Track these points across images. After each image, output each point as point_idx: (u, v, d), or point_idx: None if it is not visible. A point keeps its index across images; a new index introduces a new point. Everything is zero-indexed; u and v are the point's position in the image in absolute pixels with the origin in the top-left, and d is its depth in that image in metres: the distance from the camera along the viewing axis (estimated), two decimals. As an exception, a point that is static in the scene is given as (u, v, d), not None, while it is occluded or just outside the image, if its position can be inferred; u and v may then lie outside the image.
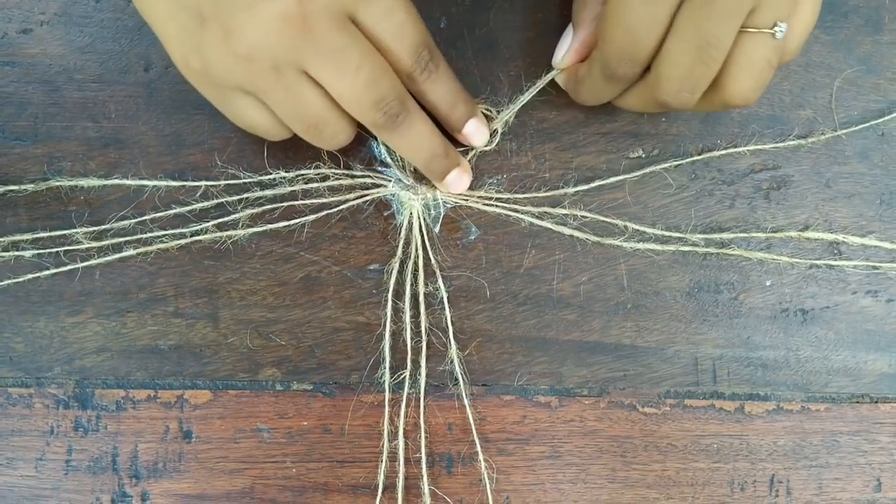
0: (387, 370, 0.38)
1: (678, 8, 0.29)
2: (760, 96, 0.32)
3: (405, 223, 0.38)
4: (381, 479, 0.37)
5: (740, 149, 0.38)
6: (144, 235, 0.38)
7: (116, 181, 0.37)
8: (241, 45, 0.28)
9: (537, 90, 0.37)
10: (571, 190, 0.38)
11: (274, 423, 0.38)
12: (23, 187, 0.37)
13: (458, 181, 0.37)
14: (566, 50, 0.36)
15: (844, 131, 0.39)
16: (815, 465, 0.39)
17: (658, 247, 0.39)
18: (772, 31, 0.30)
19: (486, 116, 0.38)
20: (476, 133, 0.36)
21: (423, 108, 0.34)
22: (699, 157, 0.39)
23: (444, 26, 0.38)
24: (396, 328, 0.38)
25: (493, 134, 0.38)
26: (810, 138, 0.39)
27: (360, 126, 0.34)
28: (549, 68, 0.37)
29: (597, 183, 0.38)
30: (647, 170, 0.38)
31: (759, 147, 0.38)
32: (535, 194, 0.38)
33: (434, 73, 0.33)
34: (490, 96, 0.38)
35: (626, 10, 0.30)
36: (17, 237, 0.37)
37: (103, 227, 0.37)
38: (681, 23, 0.30)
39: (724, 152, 0.38)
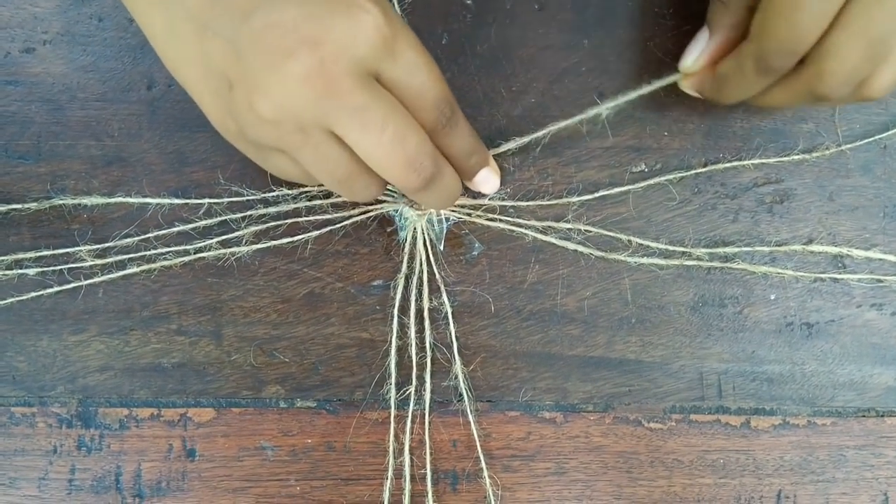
0: (392, 387, 0.38)
1: (847, 2, 0.29)
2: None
3: (409, 239, 0.38)
4: (386, 496, 0.37)
5: (745, 162, 0.38)
6: (148, 253, 0.38)
7: (120, 199, 0.37)
8: (267, 108, 0.28)
9: (660, 86, 0.36)
10: (575, 199, 0.38)
11: (278, 440, 0.38)
12: (26, 206, 0.37)
13: (488, 181, 0.37)
14: (699, 53, 0.35)
15: (849, 146, 0.39)
16: (822, 480, 0.39)
17: (662, 261, 0.38)
18: None
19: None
20: (486, 182, 0.37)
21: None
22: (703, 170, 0.39)
23: (446, 42, 0.38)
24: (401, 344, 0.38)
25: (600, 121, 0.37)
26: (815, 153, 0.39)
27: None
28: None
29: (601, 192, 0.38)
30: (651, 181, 0.38)
31: (763, 161, 0.38)
32: (538, 202, 0.38)
33: (454, 127, 0.32)
34: (491, 111, 0.38)
35: (793, 4, 0.29)
36: (21, 255, 0.37)
37: (107, 245, 0.37)
38: (851, 17, 0.29)
39: (727, 165, 0.38)
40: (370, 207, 0.38)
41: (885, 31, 0.29)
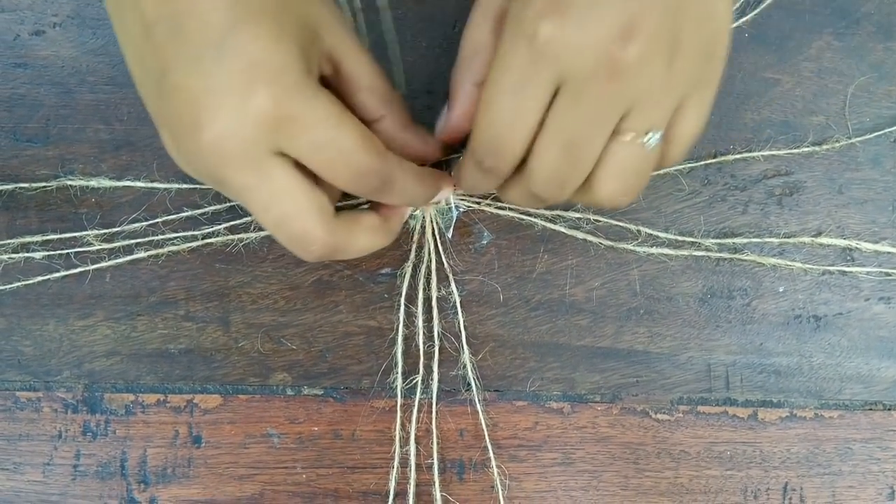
0: (399, 375, 0.37)
1: (549, 104, 0.28)
2: (635, 199, 0.31)
3: (418, 227, 0.38)
4: (392, 485, 0.37)
5: (754, 154, 0.38)
6: (155, 238, 0.37)
7: (128, 183, 0.37)
8: (187, 159, 0.28)
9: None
10: (584, 195, 0.38)
11: (284, 428, 0.38)
12: (33, 185, 0.37)
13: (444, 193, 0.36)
14: (440, 128, 0.34)
15: (859, 139, 0.39)
16: (829, 473, 0.39)
17: (671, 252, 0.38)
18: (643, 141, 0.28)
19: None
20: (443, 197, 0.36)
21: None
22: (712, 161, 0.39)
23: (459, 30, 0.38)
24: (409, 333, 0.38)
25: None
26: (825, 146, 0.39)
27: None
28: None
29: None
30: (661, 171, 0.38)
31: (773, 153, 0.38)
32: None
33: (389, 193, 0.31)
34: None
35: (493, 102, 0.28)
36: (28, 239, 0.37)
37: (114, 229, 0.37)
38: (549, 120, 0.28)
39: (737, 157, 0.38)
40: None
41: (578, 138, 0.28)
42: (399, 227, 0.35)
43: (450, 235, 0.38)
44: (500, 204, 0.38)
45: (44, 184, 0.37)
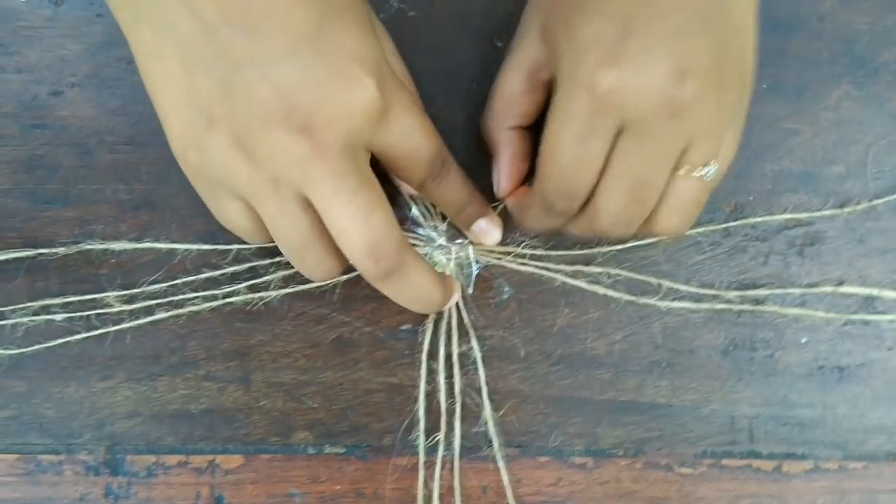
0: (421, 433, 0.37)
1: (613, 146, 0.30)
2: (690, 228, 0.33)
3: (438, 283, 0.38)
4: (416, 544, 0.37)
5: (775, 217, 0.38)
6: (176, 298, 0.37)
7: (148, 245, 0.37)
8: (247, 154, 0.28)
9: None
10: (605, 249, 0.38)
11: (306, 487, 0.37)
12: (54, 251, 0.37)
13: (486, 233, 0.37)
14: (498, 181, 0.36)
15: (879, 201, 0.39)
16: (855, 525, 0.38)
17: (692, 305, 0.38)
18: (702, 174, 0.31)
19: None
20: (484, 234, 0.36)
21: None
22: (733, 224, 0.38)
23: (476, 85, 0.38)
24: (430, 389, 0.38)
25: None
26: (846, 208, 0.39)
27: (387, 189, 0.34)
28: None
29: (631, 244, 0.38)
30: (683, 232, 0.38)
31: (794, 216, 0.38)
32: (568, 251, 0.38)
33: (446, 177, 0.32)
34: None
35: (559, 151, 0.30)
36: (48, 301, 0.37)
37: (134, 290, 0.37)
38: (614, 161, 0.30)
39: (757, 220, 0.38)
40: (399, 251, 0.38)
41: (645, 177, 0.30)
42: (449, 298, 0.34)
43: (470, 291, 0.38)
44: (520, 259, 0.38)
45: (64, 249, 0.37)
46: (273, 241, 0.32)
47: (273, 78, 0.27)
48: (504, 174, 0.35)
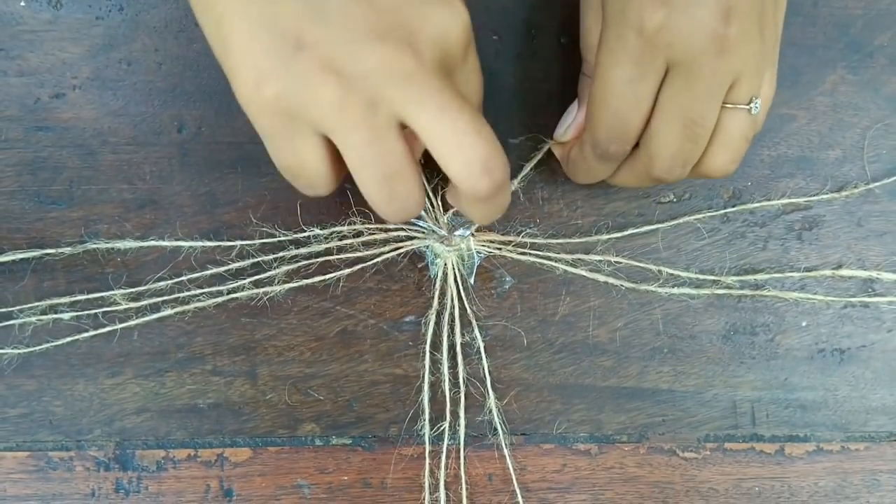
0: (426, 422, 0.38)
1: (661, 86, 0.30)
2: (738, 168, 0.33)
3: (439, 275, 0.38)
4: (423, 532, 0.37)
5: (773, 202, 0.39)
6: (181, 294, 0.38)
7: (153, 243, 0.38)
8: (343, 75, 0.27)
9: (536, 160, 0.38)
10: (604, 237, 0.39)
11: (314, 478, 0.38)
12: (60, 251, 0.37)
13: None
14: (569, 124, 0.36)
15: (877, 184, 0.39)
16: (858, 505, 0.39)
17: (693, 291, 0.39)
18: (748, 107, 0.31)
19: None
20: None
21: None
22: (731, 210, 0.39)
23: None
24: (434, 379, 0.38)
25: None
26: (844, 192, 0.39)
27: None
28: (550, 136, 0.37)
29: (630, 231, 0.38)
30: (681, 220, 0.38)
31: (791, 201, 0.39)
32: (568, 239, 0.39)
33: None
34: (518, 145, 0.39)
35: (610, 92, 0.31)
36: (56, 301, 0.38)
37: (141, 288, 0.38)
38: (665, 102, 0.30)
39: (755, 205, 0.39)
40: (401, 244, 0.38)
41: (696, 115, 0.30)
42: (506, 202, 0.32)
43: (472, 281, 0.39)
44: (521, 249, 0.39)
45: (70, 249, 0.37)
46: (349, 182, 0.30)
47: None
48: (573, 121, 0.36)
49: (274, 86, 0.27)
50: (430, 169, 0.36)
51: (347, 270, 0.38)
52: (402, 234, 0.38)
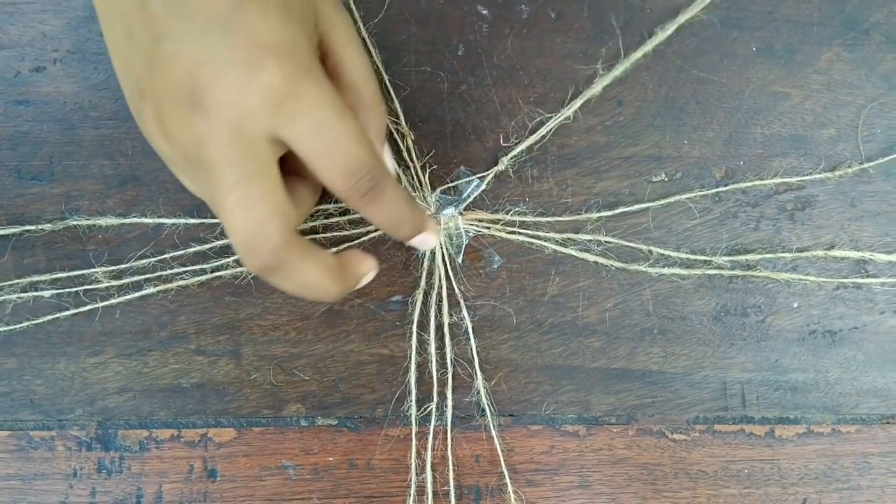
0: (413, 403, 0.37)
1: None
2: None
3: (427, 254, 0.38)
4: (409, 514, 0.37)
5: (766, 182, 0.38)
6: (164, 273, 0.37)
7: (134, 220, 0.37)
8: (165, 130, 0.28)
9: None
10: (594, 215, 0.38)
11: (299, 459, 0.37)
12: (40, 227, 0.37)
13: (424, 242, 0.34)
14: None
15: (871, 164, 0.38)
16: (847, 488, 0.38)
17: (683, 271, 0.38)
18: None
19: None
20: (422, 243, 0.34)
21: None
22: (723, 189, 0.38)
23: (463, 53, 0.38)
24: (421, 360, 0.38)
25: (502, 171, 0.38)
26: (837, 171, 0.38)
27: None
28: (577, 87, 0.37)
29: (620, 210, 0.38)
30: (672, 199, 0.38)
31: (785, 180, 0.38)
32: (557, 218, 0.38)
33: (378, 198, 0.30)
34: (508, 122, 0.38)
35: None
36: (36, 278, 0.37)
37: (123, 266, 0.37)
38: None
39: (748, 184, 0.38)
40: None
41: None
42: (352, 286, 0.32)
43: (460, 261, 0.38)
44: (510, 228, 0.38)
45: (50, 226, 0.37)
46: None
47: (183, 53, 0.27)
48: None
49: (139, 123, 0.30)
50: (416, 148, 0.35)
51: (334, 249, 0.37)
52: (389, 212, 0.38)
